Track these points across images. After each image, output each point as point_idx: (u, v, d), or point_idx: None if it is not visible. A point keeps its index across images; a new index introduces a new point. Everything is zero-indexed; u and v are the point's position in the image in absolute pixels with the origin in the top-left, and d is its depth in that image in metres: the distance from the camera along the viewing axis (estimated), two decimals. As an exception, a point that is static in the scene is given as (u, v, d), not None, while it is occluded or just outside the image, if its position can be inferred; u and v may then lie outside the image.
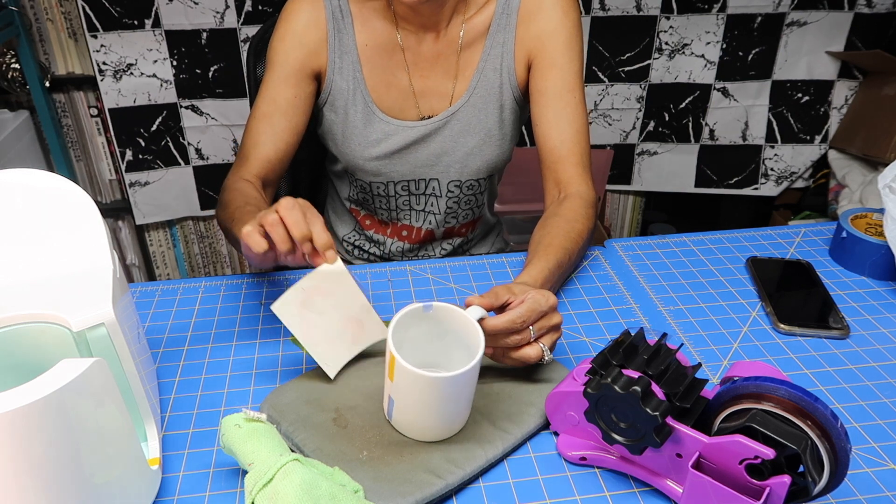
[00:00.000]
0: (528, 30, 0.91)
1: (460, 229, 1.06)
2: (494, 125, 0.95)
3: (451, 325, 0.61)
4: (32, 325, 0.53)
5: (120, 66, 1.73)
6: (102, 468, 0.49)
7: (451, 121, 0.94)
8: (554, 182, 0.91)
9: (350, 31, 0.91)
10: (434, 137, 0.95)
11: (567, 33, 0.90)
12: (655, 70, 1.91)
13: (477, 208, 1.05)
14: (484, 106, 0.94)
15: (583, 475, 0.59)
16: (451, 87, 0.94)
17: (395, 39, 0.92)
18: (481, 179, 0.99)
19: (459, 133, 0.95)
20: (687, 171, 2.07)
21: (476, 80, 0.93)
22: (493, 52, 0.92)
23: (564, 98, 0.90)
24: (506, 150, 0.98)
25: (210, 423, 0.64)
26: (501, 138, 0.96)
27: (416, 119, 0.95)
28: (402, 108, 0.94)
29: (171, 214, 1.97)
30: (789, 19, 1.84)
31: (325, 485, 0.51)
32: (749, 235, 0.96)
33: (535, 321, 0.63)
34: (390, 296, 0.82)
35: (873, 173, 1.82)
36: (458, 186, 0.99)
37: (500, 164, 0.99)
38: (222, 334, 0.76)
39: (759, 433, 0.48)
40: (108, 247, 0.59)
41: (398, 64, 0.93)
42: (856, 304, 0.81)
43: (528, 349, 0.63)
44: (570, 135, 0.90)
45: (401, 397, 0.59)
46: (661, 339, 0.58)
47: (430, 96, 0.94)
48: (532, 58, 0.92)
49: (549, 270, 0.74)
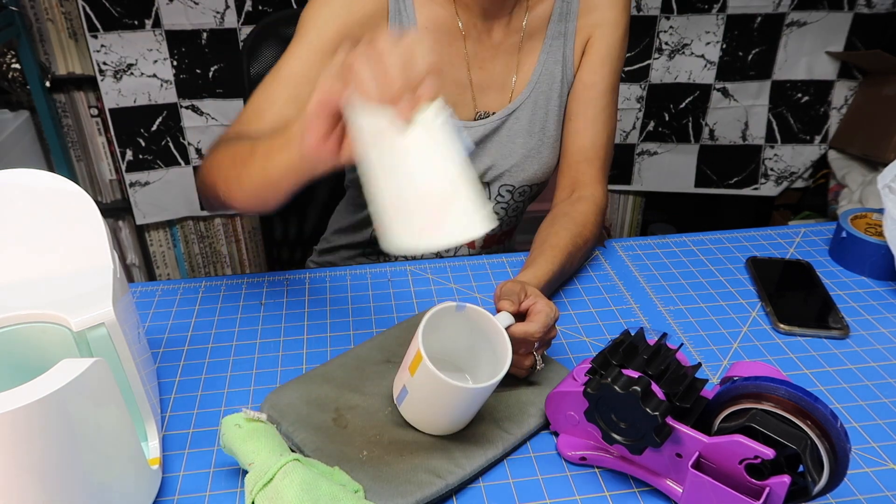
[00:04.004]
0: (589, 17, 0.86)
1: (500, 237, 1.00)
2: (553, 124, 0.89)
3: (480, 329, 0.61)
4: (32, 325, 0.53)
5: (120, 66, 1.73)
6: (102, 468, 0.49)
7: (509, 119, 0.88)
8: (571, 180, 0.88)
9: (410, 11, 0.81)
10: (491, 138, 0.88)
11: (622, 30, 0.87)
12: (655, 70, 1.91)
13: (521, 215, 1.00)
14: (545, 103, 0.88)
15: (583, 475, 0.59)
16: (512, 81, 0.87)
17: (456, 26, 0.84)
18: (535, 185, 0.93)
19: (518, 133, 0.88)
20: (687, 171, 2.07)
21: (538, 73, 0.87)
22: (554, 44, 0.87)
23: (607, 98, 0.87)
24: (559, 152, 0.92)
25: (210, 423, 0.64)
26: (557, 139, 0.90)
27: (471, 116, 0.88)
28: (457, 103, 0.87)
29: (172, 214, 1.97)
30: (789, 19, 1.84)
31: (325, 485, 0.51)
32: (749, 235, 0.96)
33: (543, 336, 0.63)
34: (390, 296, 0.82)
35: (873, 173, 1.82)
36: (509, 192, 0.92)
37: (555, 167, 0.92)
38: (222, 334, 0.76)
39: (759, 433, 0.48)
40: (109, 247, 0.59)
41: (457, 53, 0.85)
42: (856, 304, 0.81)
43: (525, 359, 0.64)
44: (603, 139, 0.87)
45: (417, 393, 0.59)
46: (661, 339, 0.58)
47: (488, 90, 0.87)
48: (588, 47, 0.87)
49: (552, 273, 0.74)
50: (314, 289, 0.84)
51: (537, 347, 0.64)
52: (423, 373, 0.56)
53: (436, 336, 0.59)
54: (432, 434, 0.60)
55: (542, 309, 0.62)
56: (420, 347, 0.56)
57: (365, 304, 0.81)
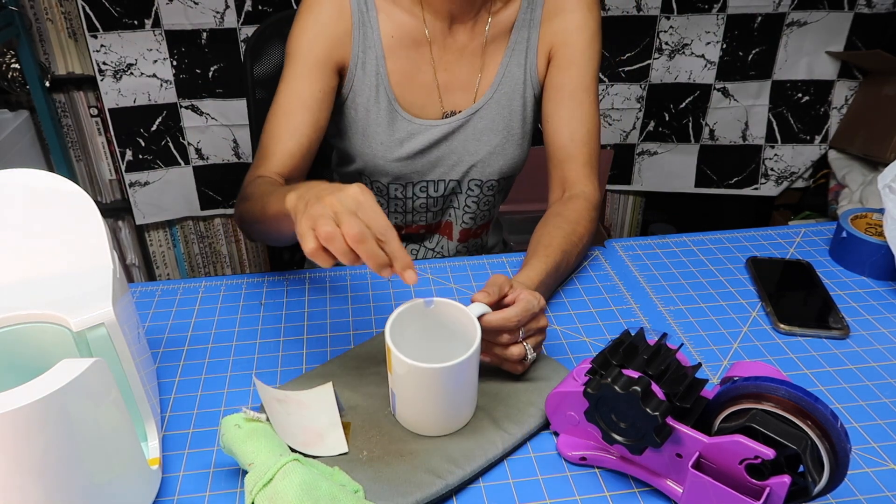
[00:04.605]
0: (551, 25, 0.90)
1: (477, 230, 1.05)
2: (517, 123, 0.94)
3: (451, 321, 0.62)
4: (32, 325, 0.53)
5: (120, 66, 1.73)
6: (102, 468, 0.49)
7: (474, 118, 0.92)
8: (560, 180, 0.91)
9: (374, 23, 0.87)
10: (457, 136, 0.93)
11: (589, 32, 0.90)
12: (655, 70, 1.91)
13: (494, 209, 1.04)
14: (508, 102, 0.92)
15: (583, 475, 0.59)
16: (476, 82, 0.92)
17: (421, 32, 0.89)
18: (502, 179, 0.98)
19: (483, 131, 0.93)
20: (687, 171, 2.07)
21: (501, 75, 0.91)
22: (517, 48, 0.91)
23: (579, 97, 0.90)
24: (525, 150, 0.97)
25: (210, 423, 0.64)
26: (523, 137, 0.95)
27: (439, 115, 0.93)
28: (425, 104, 0.92)
29: (171, 214, 1.97)
30: (789, 19, 1.84)
31: (325, 485, 0.51)
32: (749, 235, 0.96)
33: (526, 322, 0.63)
34: (390, 296, 0.82)
35: (873, 173, 1.82)
36: (478, 186, 0.97)
37: (521, 163, 0.98)
38: (222, 334, 0.76)
39: (760, 433, 0.48)
40: (108, 247, 0.59)
41: (423, 57, 0.90)
42: (856, 304, 0.81)
43: (512, 348, 0.64)
44: (581, 134, 0.90)
45: (401, 390, 0.59)
46: (661, 339, 0.58)
47: (453, 91, 0.92)
48: (553, 53, 0.91)
49: (546, 272, 0.74)
50: (314, 289, 0.84)
51: (526, 337, 0.64)
52: (398, 366, 0.57)
53: (408, 335, 0.60)
54: (431, 434, 0.60)
55: (523, 298, 0.63)
56: (388, 342, 0.57)
57: (365, 304, 0.81)
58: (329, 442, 0.59)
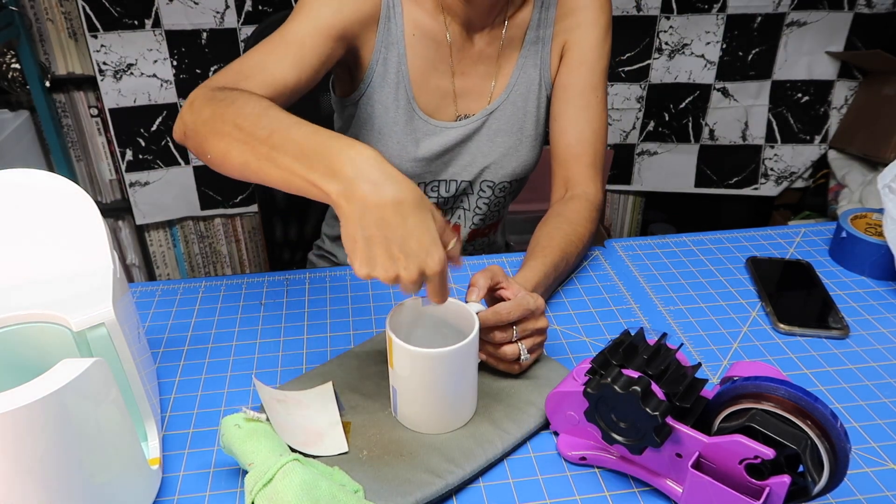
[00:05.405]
0: (564, 23, 0.90)
1: (485, 230, 1.04)
2: (531, 124, 0.93)
3: (448, 317, 0.62)
4: (32, 325, 0.53)
5: (120, 66, 1.73)
6: (102, 468, 0.49)
7: (488, 120, 0.92)
8: (563, 180, 0.91)
9: (399, 18, 0.85)
10: (471, 138, 0.92)
11: (601, 31, 0.90)
12: (655, 70, 1.91)
13: (503, 209, 1.04)
14: (523, 104, 0.92)
15: (583, 475, 0.59)
16: (490, 87, 0.92)
17: (442, 35, 0.87)
18: (514, 181, 0.97)
19: (496, 133, 0.92)
20: (687, 171, 2.07)
21: (515, 77, 0.91)
22: (532, 49, 0.91)
23: (587, 96, 0.90)
24: (538, 151, 0.96)
25: (210, 423, 0.64)
26: (535, 138, 0.95)
27: (451, 118, 0.92)
28: (439, 106, 0.91)
29: (171, 214, 1.97)
30: (789, 19, 1.84)
31: (325, 485, 0.51)
32: (749, 235, 0.96)
33: (520, 318, 0.63)
34: (390, 296, 0.82)
35: (873, 173, 1.82)
36: (490, 187, 0.96)
37: (534, 164, 0.97)
38: (222, 334, 0.76)
39: (759, 433, 0.48)
40: (108, 247, 0.59)
41: (443, 60, 0.89)
42: (856, 304, 0.81)
43: (505, 347, 0.64)
44: (587, 134, 0.90)
45: (402, 384, 0.59)
46: (661, 339, 0.58)
47: (468, 96, 0.91)
48: (564, 51, 0.91)
49: (545, 273, 0.74)
50: (314, 289, 0.84)
51: (521, 337, 0.64)
52: (399, 355, 0.57)
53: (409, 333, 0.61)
54: (431, 432, 0.60)
55: (518, 294, 0.64)
56: (389, 333, 0.57)
57: (365, 304, 0.81)
58: (329, 442, 0.60)
